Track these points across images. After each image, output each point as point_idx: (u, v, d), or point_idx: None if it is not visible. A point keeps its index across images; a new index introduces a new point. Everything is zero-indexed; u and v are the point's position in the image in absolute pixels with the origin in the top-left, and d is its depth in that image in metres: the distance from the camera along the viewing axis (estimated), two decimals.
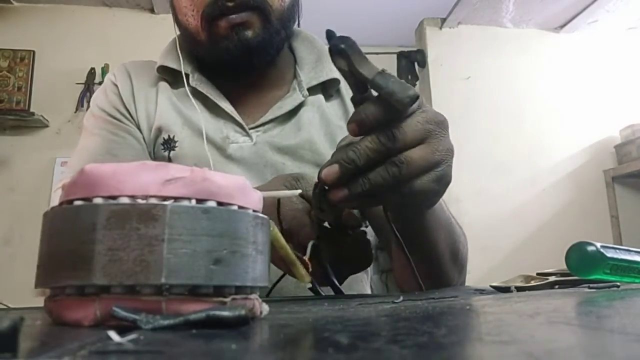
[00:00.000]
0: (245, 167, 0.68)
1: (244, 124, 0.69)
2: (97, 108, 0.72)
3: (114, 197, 0.24)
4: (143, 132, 0.71)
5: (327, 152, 0.71)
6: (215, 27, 0.64)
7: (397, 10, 2.84)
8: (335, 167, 0.37)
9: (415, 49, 2.70)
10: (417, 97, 0.35)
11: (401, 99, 0.34)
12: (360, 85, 0.37)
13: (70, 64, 2.36)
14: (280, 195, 0.45)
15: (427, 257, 0.53)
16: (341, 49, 0.35)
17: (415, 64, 2.67)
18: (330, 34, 0.37)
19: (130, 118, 0.71)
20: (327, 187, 0.39)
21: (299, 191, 0.45)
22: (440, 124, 0.39)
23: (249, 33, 0.64)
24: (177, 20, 0.70)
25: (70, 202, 0.25)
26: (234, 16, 0.63)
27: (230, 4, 0.63)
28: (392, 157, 0.37)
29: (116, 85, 0.73)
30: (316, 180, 0.40)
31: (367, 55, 0.37)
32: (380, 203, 0.43)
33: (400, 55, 2.68)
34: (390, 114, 0.36)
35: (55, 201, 0.27)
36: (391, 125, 0.36)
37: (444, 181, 0.40)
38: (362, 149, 0.36)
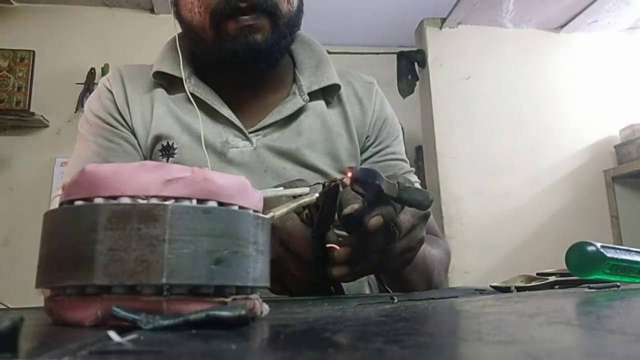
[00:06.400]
0: (245, 172, 0.67)
1: (243, 128, 0.69)
2: (91, 114, 0.71)
3: (115, 197, 0.24)
4: (139, 138, 0.70)
5: (327, 158, 0.71)
6: (223, 26, 0.63)
7: (397, 10, 2.84)
8: (347, 250, 0.45)
9: (415, 49, 2.70)
10: (433, 199, 0.44)
11: (426, 205, 0.43)
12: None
13: (70, 64, 2.36)
14: (289, 194, 0.45)
15: (404, 288, 0.61)
16: (378, 186, 0.40)
17: (415, 64, 2.67)
18: (356, 173, 0.42)
19: (125, 124, 0.70)
20: (339, 186, 0.44)
21: (306, 190, 0.45)
22: (422, 219, 0.48)
23: (258, 36, 0.63)
24: (179, 16, 0.69)
25: (71, 202, 0.25)
26: (245, 17, 0.62)
27: (242, 5, 0.62)
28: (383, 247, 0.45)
29: (110, 91, 0.71)
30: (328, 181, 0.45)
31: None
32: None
33: (400, 55, 2.68)
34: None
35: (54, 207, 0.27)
36: (392, 222, 0.44)
37: (408, 263, 0.50)
38: (374, 246, 0.45)
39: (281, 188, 0.47)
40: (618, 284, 0.47)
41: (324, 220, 0.45)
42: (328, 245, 0.46)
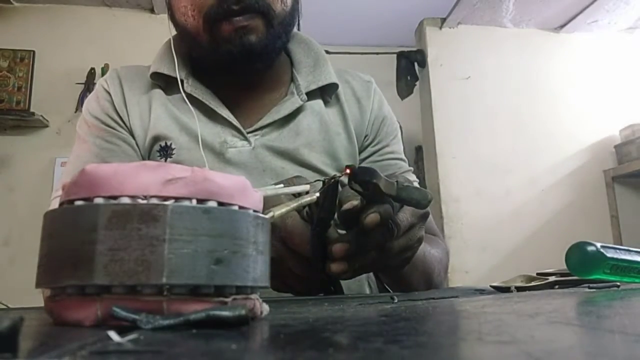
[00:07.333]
0: (244, 171, 0.67)
1: (241, 128, 0.69)
2: (89, 115, 0.71)
3: (115, 197, 0.24)
4: (137, 139, 0.70)
5: (326, 157, 0.71)
6: (217, 29, 0.63)
7: (397, 10, 2.84)
8: (346, 246, 0.44)
9: (415, 49, 2.70)
10: (432, 198, 0.43)
11: (424, 204, 0.42)
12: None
13: (70, 64, 2.36)
14: (289, 192, 0.45)
15: (404, 288, 0.61)
16: (376, 185, 0.40)
17: (415, 64, 2.67)
18: (355, 172, 0.42)
19: (123, 125, 0.70)
20: (338, 184, 0.44)
21: (306, 187, 0.46)
22: (421, 218, 0.48)
23: (253, 37, 0.63)
24: (173, 19, 0.69)
25: (71, 202, 0.25)
26: (239, 18, 0.62)
27: (235, 7, 0.62)
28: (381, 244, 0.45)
29: (108, 92, 0.71)
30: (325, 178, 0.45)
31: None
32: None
33: (400, 55, 2.68)
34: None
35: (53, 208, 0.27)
36: (390, 220, 0.44)
37: (407, 261, 0.50)
38: (373, 243, 0.45)
39: (281, 185, 0.47)
40: (618, 284, 0.47)
41: (324, 217, 0.45)
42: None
